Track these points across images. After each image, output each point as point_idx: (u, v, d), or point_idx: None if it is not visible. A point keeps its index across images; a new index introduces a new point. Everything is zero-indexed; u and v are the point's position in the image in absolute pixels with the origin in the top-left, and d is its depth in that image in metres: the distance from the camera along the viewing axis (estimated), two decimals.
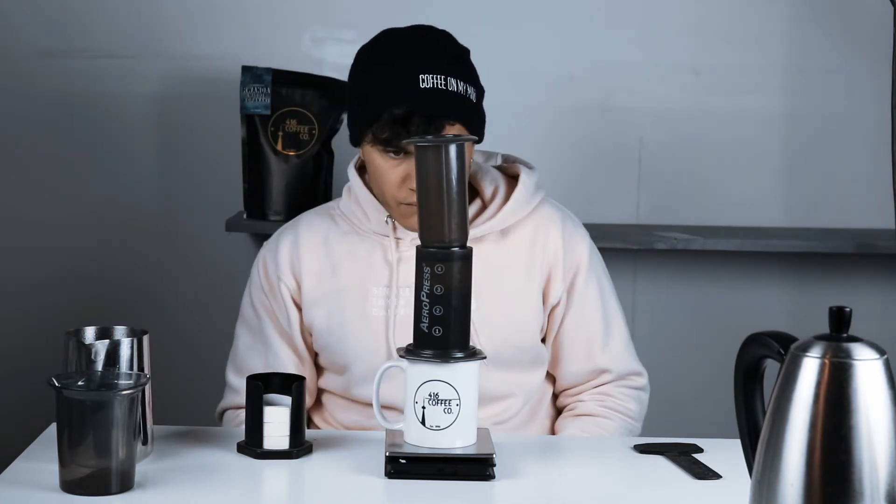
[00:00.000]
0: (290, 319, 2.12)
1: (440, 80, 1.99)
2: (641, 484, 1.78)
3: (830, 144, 2.98)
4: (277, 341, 2.13)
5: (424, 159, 1.72)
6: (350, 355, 2.08)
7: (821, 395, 1.30)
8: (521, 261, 2.10)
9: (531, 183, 2.12)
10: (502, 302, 2.08)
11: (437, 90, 1.99)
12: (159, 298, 2.96)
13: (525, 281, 2.10)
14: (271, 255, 2.14)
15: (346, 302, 2.09)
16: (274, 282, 2.13)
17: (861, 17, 2.92)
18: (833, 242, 2.84)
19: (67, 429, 1.61)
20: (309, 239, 2.13)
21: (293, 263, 2.12)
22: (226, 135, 2.89)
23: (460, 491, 1.70)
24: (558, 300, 2.12)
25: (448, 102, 1.99)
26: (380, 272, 2.08)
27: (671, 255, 2.97)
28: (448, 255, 1.72)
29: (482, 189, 2.13)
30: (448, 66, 2.01)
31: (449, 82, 2.00)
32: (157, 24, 2.91)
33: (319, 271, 2.11)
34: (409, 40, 2.06)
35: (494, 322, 2.07)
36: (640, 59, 2.95)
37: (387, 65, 2.02)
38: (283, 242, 2.14)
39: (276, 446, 1.80)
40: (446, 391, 1.72)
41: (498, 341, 2.06)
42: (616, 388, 2.15)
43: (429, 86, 1.98)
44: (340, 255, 2.11)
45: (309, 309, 2.11)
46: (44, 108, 2.93)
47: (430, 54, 2.03)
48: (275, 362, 2.12)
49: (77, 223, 2.95)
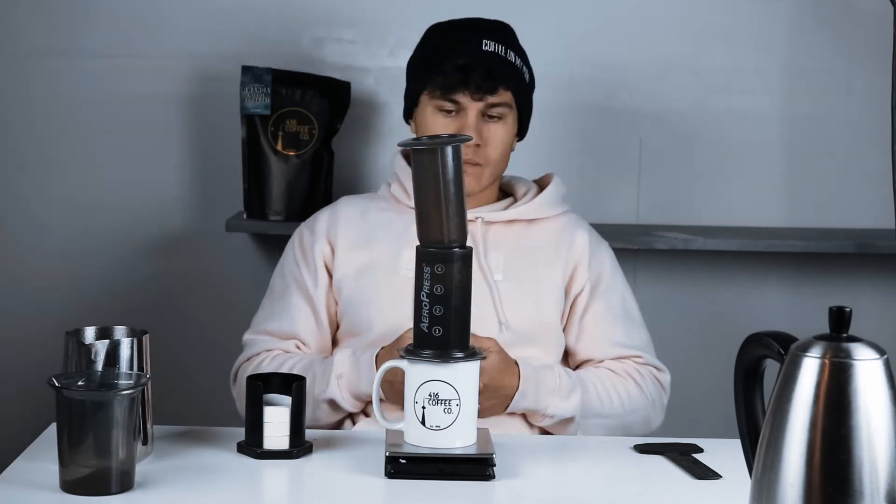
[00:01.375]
0: (318, 283, 2.19)
1: (501, 48, 2.19)
2: (641, 484, 1.78)
3: (830, 144, 2.98)
4: (297, 304, 2.19)
5: (421, 162, 1.73)
6: (374, 311, 2.14)
7: (821, 395, 1.30)
8: (549, 247, 2.22)
9: (562, 189, 2.28)
10: (528, 275, 2.18)
11: (498, 55, 2.18)
12: (159, 298, 2.95)
13: (551, 263, 2.20)
14: (308, 226, 2.26)
15: (377, 263, 2.17)
16: (308, 247, 2.22)
17: (861, 17, 2.92)
18: (833, 242, 2.84)
19: (67, 429, 1.61)
20: (347, 211, 2.26)
21: (329, 230, 2.22)
22: (226, 135, 2.89)
23: (460, 491, 1.70)
24: (581, 289, 2.21)
25: (506, 69, 2.18)
26: (414, 239, 2.10)
27: (671, 255, 2.97)
28: (448, 256, 1.73)
29: (516, 190, 2.29)
30: (510, 43, 2.21)
31: (509, 54, 2.20)
32: (157, 24, 2.91)
33: (355, 237, 2.21)
34: (479, 21, 2.26)
35: (519, 293, 2.16)
36: (640, 59, 2.95)
37: (453, 29, 2.22)
38: (321, 214, 2.27)
39: (276, 446, 1.80)
40: (446, 391, 1.72)
41: (521, 313, 2.15)
42: (643, 369, 2.20)
43: (490, 49, 2.17)
44: (377, 224, 2.22)
45: (340, 269, 2.19)
46: (44, 108, 2.93)
47: (493, 30, 2.21)
48: (290, 325, 2.18)
49: (77, 223, 2.95)
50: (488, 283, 2.16)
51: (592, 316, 2.21)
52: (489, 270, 2.17)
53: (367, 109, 2.93)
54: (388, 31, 2.90)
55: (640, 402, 2.17)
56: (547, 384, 2.07)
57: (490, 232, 2.20)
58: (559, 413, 2.08)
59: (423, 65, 2.21)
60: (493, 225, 2.21)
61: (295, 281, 2.21)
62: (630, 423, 2.16)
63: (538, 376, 2.07)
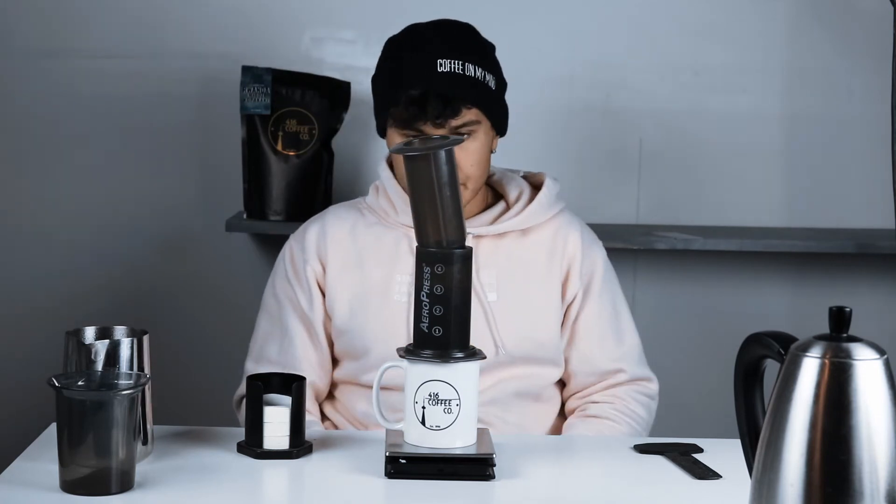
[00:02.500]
0: (314, 303, 2.15)
1: (457, 64, 2.05)
2: (641, 484, 1.78)
3: (830, 144, 2.98)
4: (294, 328, 2.15)
5: (414, 168, 1.72)
6: (370, 338, 2.10)
7: (821, 395, 1.30)
8: (542, 257, 2.16)
9: (555, 189, 2.19)
10: (523, 293, 2.13)
11: (454, 74, 2.05)
12: (159, 298, 2.95)
13: (545, 274, 2.15)
14: (298, 243, 2.19)
15: (370, 287, 2.12)
16: (300, 266, 2.16)
17: (861, 17, 2.92)
18: (833, 242, 2.84)
19: (67, 429, 1.61)
20: (336, 227, 2.18)
21: (319, 248, 2.16)
22: (226, 135, 2.89)
23: (460, 491, 1.70)
24: (574, 296, 2.17)
25: (464, 86, 2.05)
26: (405, 261, 2.10)
27: (671, 255, 2.97)
28: (448, 256, 1.72)
29: (507, 193, 2.20)
30: (467, 54, 2.07)
31: (467, 67, 2.06)
32: (157, 24, 2.91)
33: (345, 257, 2.15)
34: (432, 30, 2.12)
35: (515, 313, 2.11)
36: (640, 59, 2.94)
37: (407, 50, 2.09)
38: (310, 230, 2.19)
39: (276, 446, 1.80)
40: (446, 391, 1.72)
41: (517, 334, 2.11)
42: (627, 392, 2.17)
43: (446, 70, 2.04)
44: (366, 243, 2.15)
45: (332, 292, 2.14)
46: (44, 108, 2.93)
47: (450, 42, 2.09)
48: (289, 349, 2.14)
49: (77, 223, 2.95)
50: (482, 304, 2.11)
51: (585, 321, 2.17)
52: (482, 290, 2.11)
53: (367, 109, 2.91)
54: (388, 31, 2.89)
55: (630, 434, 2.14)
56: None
57: (481, 246, 2.13)
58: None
59: (380, 91, 2.12)
60: (483, 238, 2.14)
61: (290, 301, 2.16)
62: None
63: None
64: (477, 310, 2.07)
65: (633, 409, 2.16)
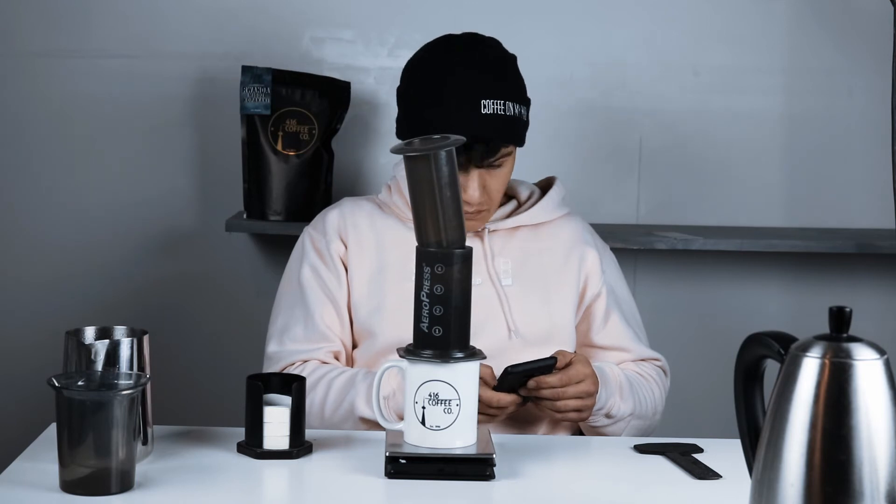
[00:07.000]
0: (341, 279, 2.17)
1: (499, 105, 2.07)
2: (641, 484, 1.78)
3: (830, 145, 2.98)
4: (321, 306, 2.15)
5: (414, 168, 1.72)
6: (384, 318, 2.12)
7: (821, 395, 1.30)
8: (556, 254, 2.21)
9: (562, 190, 2.26)
10: (537, 279, 2.17)
11: (497, 115, 2.07)
12: (159, 298, 2.95)
13: (560, 270, 2.20)
14: (317, 230, 2.21)
15: (387, 275, 2.15)
16: (322, 248, 2.18)
17: (861, 17, 2.92)
18: (833, 242, 2.84)
19: (67, 429, 1.61)
20: (355, 212, 2.22)
21: (340, 229, 2.19)
22: (226, 135, 2.89)
23: (460, 491, 1.70)
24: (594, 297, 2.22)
25: (506, 127, 2.08)
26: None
27: (671, 255, 2.97)
28: (448, 256, 1.72)
29: (519, 193, 2.27)
30: (507, 91, 2.09)
31: (507, 107, 2.08)
32: (157, 24, 2.91)
33: (364, 240, 2.18)
34: (477, 68, 2.09)
35: (529, 297, 2.16)
36: (640, 59, 2.95)
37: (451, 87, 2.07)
38: (329, 215, 2.22)
39: (276, 446, 1.80)
40: (446, 391, 1.72)
41: (530, 318, 2.14)
42: (653, 367, 2.23)
43: (489, 111, 2.06)
44: (385, 234, 2.19)
45: (353, 270, 2.16)
46: (44, 108, 2.93)
47: (492, 72, 2.09)
48: (316, 325, 2.14)
49: (77, 223, 2.95)
50: (496, 289, 2.15)
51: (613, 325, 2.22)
52: (497, 276, 2.16)
53: (367, 109, 2.93)
54: (388, 31, 2.90)
55: (660, 405, 2.20)
56: (609, 383, 2.07)
57: (495, 239, 2.19)
58: (619, 413, 2.09)
59: (417, 115, 2.10)
60: (497, 232, 2.20)
61: (317, 282, 2.16)
62: (653, 425, 2.18)
63: (603, 375, 2.06)
64: (491, 294, 2.14)
65: (662, 382, 2.22)
